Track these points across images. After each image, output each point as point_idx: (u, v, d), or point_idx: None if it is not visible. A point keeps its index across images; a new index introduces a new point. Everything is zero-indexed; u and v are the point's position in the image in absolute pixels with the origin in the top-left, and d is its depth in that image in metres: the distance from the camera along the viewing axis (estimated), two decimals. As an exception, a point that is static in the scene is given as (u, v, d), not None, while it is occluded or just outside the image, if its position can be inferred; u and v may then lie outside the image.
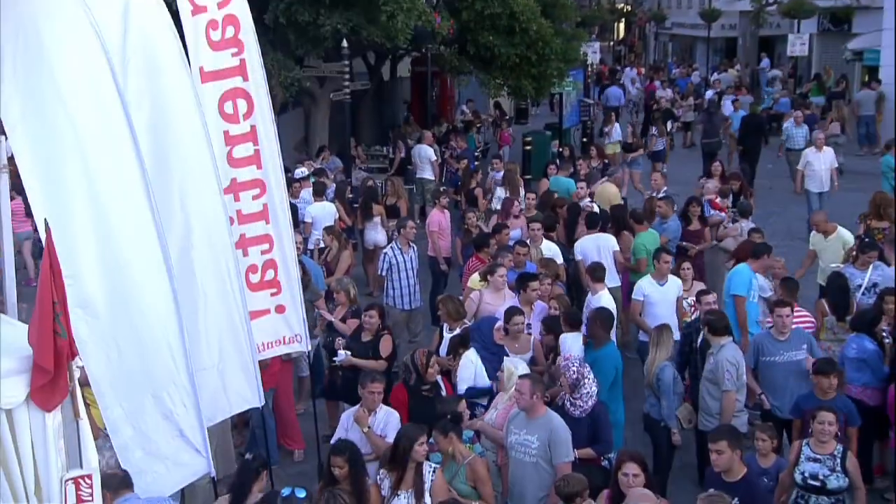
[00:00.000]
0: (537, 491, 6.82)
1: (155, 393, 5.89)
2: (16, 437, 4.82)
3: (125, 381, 5.79)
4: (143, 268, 5.90)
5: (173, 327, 6.03)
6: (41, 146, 5.68)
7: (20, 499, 4.87)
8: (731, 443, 6.40)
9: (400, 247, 11.31)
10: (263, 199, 7.65)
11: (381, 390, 7.32)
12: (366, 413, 7.28)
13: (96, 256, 5.71)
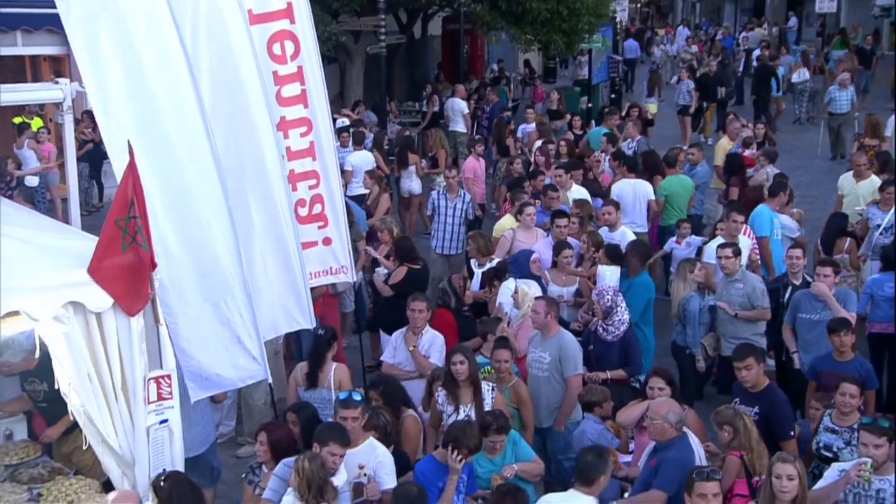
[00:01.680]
0: (550, 403, 7.35)
1: (213, 301, 6.40)
2: (105, 340, 5.38)
3: (187, 289, 6.30)
4: (203, 193, 6.40)
5: (230, 246, 6.53)
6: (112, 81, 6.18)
7: (109, 395, 5.44)
8: (757, 358, 6.82)
9: (445, 193, 11.63)
10: (310, 137, 8.11)
11: (423, 308, 7.77)
12: (413, 334, 7.77)
13: (162, 180, 6.21)
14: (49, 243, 5.63)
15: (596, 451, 5.73)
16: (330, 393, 7.23)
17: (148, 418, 5.53)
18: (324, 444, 5.60)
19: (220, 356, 6.50)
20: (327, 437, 5.63)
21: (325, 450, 5.57)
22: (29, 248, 5.42)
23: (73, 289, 5.20)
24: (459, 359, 6.80)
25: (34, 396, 6.93)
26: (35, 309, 5.04)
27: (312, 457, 5.51)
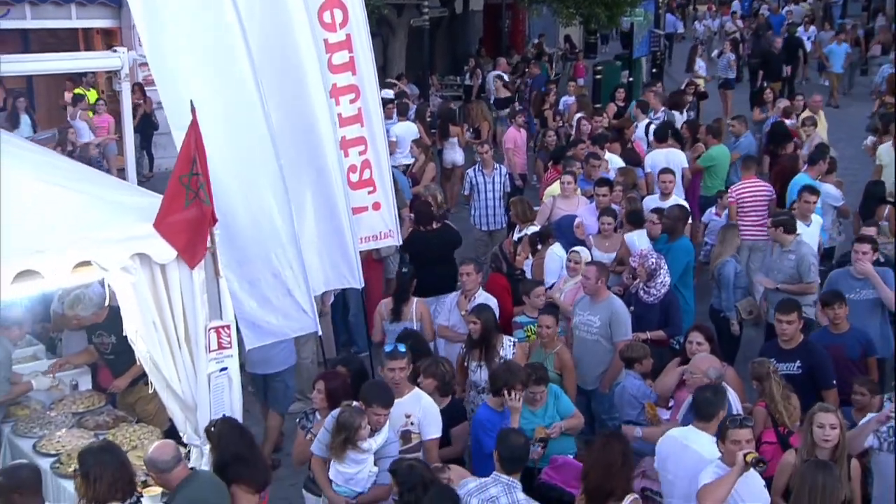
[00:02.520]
0: (597, 365, 7.55)
1: (265, 254, 6.67)
2: (168, 290, 5.67)
3: (241, 241, 6.58)
4: (256, 154, 6.65)
5: (281, 204, 6.77)
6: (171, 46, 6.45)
7: (172, 343, 5.74)
8: (799, 314, 6.97)
9: (482, 169, 11.62)
10: (358, 104, 8.33)
11: (470, 272, 8.00)
12: (464, 298, 8.01)
13: (218, 141, 6.44)
14: (116, 199, 5.94)
15: (713, 388, 5.93)
16: (412, 324, 7.93)
17: (209, 366, 5.82)
18: (368, 405, 5.80)
19: (272, 307, 6.78)
20: (371, 399, 5.80)
21: (370, 410, 5.77)
22: (98, 202, 5.73)
23: (139, 241, 5.49)
24: (472, 318, 7.16)
25: (102, 349, 7.28)
26: (105, 259, 5.33)
27: (355, 411, 5.76)
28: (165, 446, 5.28)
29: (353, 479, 5.64)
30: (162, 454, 5.16)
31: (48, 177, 5.82)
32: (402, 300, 8.14)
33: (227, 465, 5.31)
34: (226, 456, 5.32)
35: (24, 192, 5.49)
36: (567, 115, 15.87)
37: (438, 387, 6.44)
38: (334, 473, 5.69)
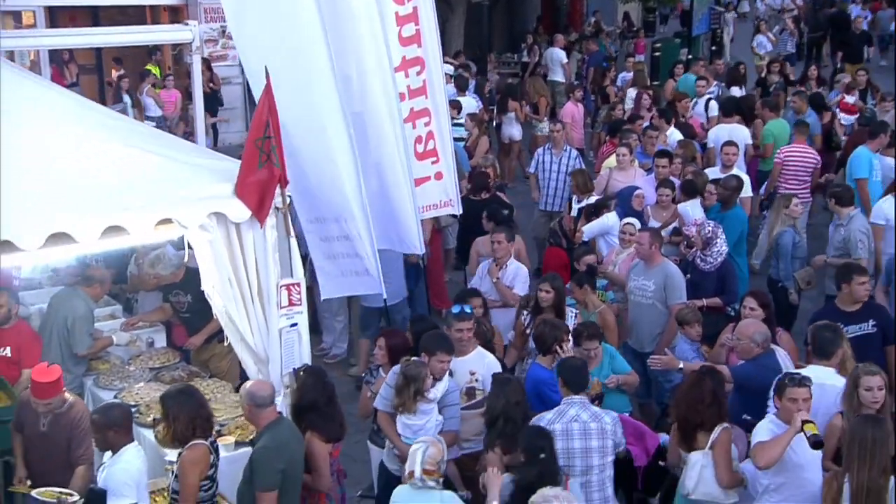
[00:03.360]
0: (653, 328, 7.70)
1: (337, 217, 6.94)
2: (243, 248, 5.96)
3: (314, 206, 6.86)
4: (329, 123, 6.91)
5: (350, 172, 7.03)
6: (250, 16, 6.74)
7: (246, 298, 6.03)
8: (861, 273, 7.09)
9: (551, 148, 11.45)
10: (424, 76, 8.53)
11: (502, 240, 8.14)
12: (496, 266, 8.21)
13: (294, 110, 6.73)
14: (193, 161, 6.24)
15: (831, 327, 6.20)
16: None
17: (280, 321, 6.12)
18: (432, 354, 6.03)
19: (342, 266, 7.06)
20: (434, 347, 6.05)
21: (434, 359, 6.01)
22: (177, 164, 6.03)
23: (216, 201, 5.78)
24: (546, 287, 7.30)
25: (178, 307, 7.65)
26: (184, 217, 5.63)
27: (418, 363, 6.01)
28: (265, 384, 5.59)
29: (422, 430, 5.88)
30: (261, 389, 5.47)
31: (130, 140, 6.14)
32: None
33: (305, 411, 5.60)
34: (305, 403, 5.62)
35: (109, 154, 5.80)
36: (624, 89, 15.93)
37: (481, 344, 6.65)
38: (402, 426, 5.95)
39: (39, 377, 5.78)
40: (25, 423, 5.96)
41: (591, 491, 5.62)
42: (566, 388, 5.77)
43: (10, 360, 6.69)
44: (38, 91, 6.38)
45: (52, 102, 6.19)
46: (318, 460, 5.57)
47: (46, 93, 6.44)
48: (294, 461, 5.34)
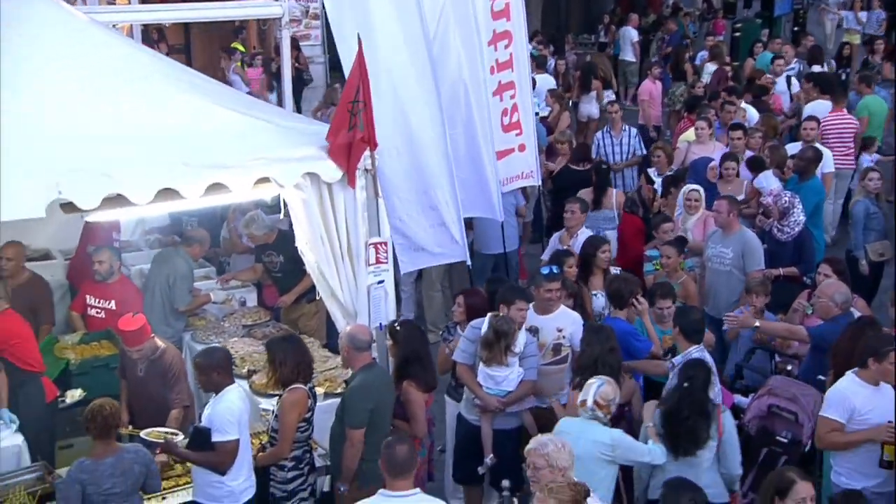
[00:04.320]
0: (730, 295, 7.81)
1: (423, 189, 7.21)
2: (334, 207, 6.29)
3: (403, 177, 7.14)
4: (420, 97, 7.20)
5: (438, 145, 7.32)
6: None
7: (337, 255, 6.36)
8: None
9: (610, 130, 11.56)
10: (511, 49, 8.76)
11: (576, 209, 8.34)
12: (567, 234, 8.41)
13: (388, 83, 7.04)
14: (288, 125, 6.58)
15: None
16: (612, 212, 9.09)
17: (368, 278, 6.42)
18: (511, 304, 6.25)
19: (427, 235, 7.34)
20: (511, 297, 6.29)
21: (513, 307, 6.24)
22: (273, 128, 6.38)
23: (310, 162, 6.11)
24: (602, 249, 7.55)
25: (270, 267, 8.04)
26: (281, 177, 5.98)
27: (507, 318, 6.25)
28: (366, 329, 5.89)
29: (505, 380, 6.13)
30: (361, 333, 5.79)
31: (231, 105, 6.50)
32: (602, 190, 9.14)
33: (407, 362, 5.90)
34: (406, 353, 5.91)
35: (212, 116, 6.18)
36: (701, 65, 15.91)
37: (575, 302, 6.90)
38: (484, 377, 6.18)
39: (126, 326, 6.19)
40: (127, 370, 6.38)
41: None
42: (683, 335, 5.96)
43: (115, 313, 7.12)
44: (152, 59, 6.80)
45: (164, 70, 6.59)
46: (415, 408, 5.87)
47: (159, 62, 6.84)
48: (382, 403, 5.64)
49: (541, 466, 4.59)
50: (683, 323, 6.03)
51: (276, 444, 5.61)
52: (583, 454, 5.04)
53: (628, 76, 18.74)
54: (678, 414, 5.36)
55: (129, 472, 5.10)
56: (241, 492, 5.45)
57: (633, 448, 5.35)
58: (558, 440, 4.77)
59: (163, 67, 6.72)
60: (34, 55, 5.92)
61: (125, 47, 6.67)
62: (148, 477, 5.24)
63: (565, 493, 4.23)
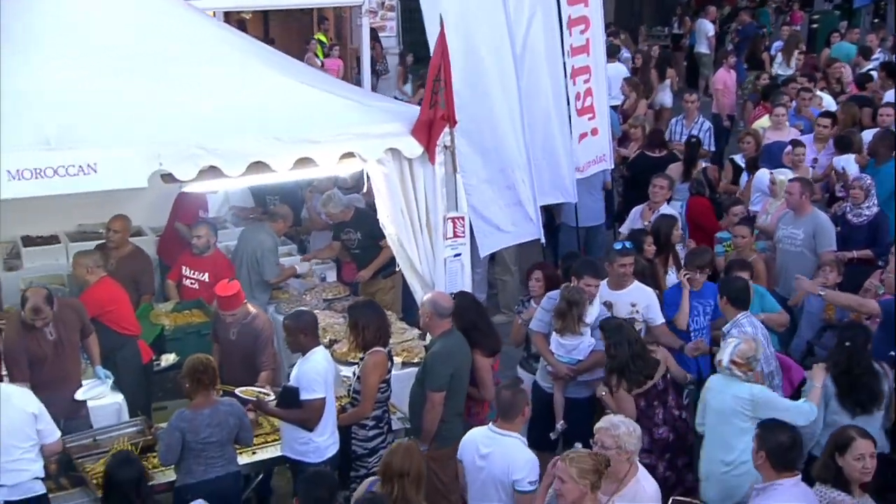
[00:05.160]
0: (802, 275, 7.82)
1: (502, 168, 7.43)
2: (414, 182, 6.55)
3: (481, 157, 7.38)
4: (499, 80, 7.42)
5: (516, 126, 7.53)
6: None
7: (416, 229, 6.62)
8: None
9: (683, 119, 11.64)
10: (587, 35, 8.92)
11: (664, 185, 8.48)
12: (649, 210, 8.53)
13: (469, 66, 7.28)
14: (371, 104, 6.88)
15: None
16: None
17: (445, 251, 6.68)
18: (580, 278, 6.45)
19: (504, 214, 7.56)
20: (582, 271, 6.48)
21: (582, 282, 6.44)
22: (357, 105, 6.67)
23: (392, 138, 6.39)
24: (674, 226, 7.75)
25: (348, 244, 8.36)
26: (365, 152, 6.27)
27: (579, 289, 6.44)
28: (447, 297, 6.14)
29: (575, 349, 6.33)
30: (443, 300, 6.04)
31: (316, 84, 6.82)
32: (693, 163, 9.60)
33: (466, 332, 6.13)
34: (464, 324, 6.15)
35: (298, 94, 6.49)
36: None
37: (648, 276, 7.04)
38: (556, 346, 6.40)
39: (222, 291, 6.56)
40: (219, 334, 6.74)
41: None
42: (730, 305, 6.15)
43: (208, 284, 7.52)
44: (242, 40, 7.20)
45: (254, 51, 6.98)
46: (482, 373, 6.11)
47: (249, 43, 7.24)
48: (461, 368, 5.88)
49: (609, 447, 4.67)
50: (728, 291, 6.24)
51: (357, 405, 5.89)
52: (724, 408, 5.46)
53: (701, 68, 18.67)
54: (849, 374, 5.59)
55: (224, 423, 5.43)
56: (325, 448, 5.74)
57: (773, 405, 5.47)
58: (630, 423, 4.86)
59: (252, 48, 7.09)
60: (137, 37, 6.31)
61: (219, 29, 7.07)
62: (241, 430, 5.56)
63: (586, 462, 4.36)
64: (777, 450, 4.64)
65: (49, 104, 5.66)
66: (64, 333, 6.19)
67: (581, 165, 9.00)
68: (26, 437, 5.30)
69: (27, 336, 6.10)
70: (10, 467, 5.16)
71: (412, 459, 4.72)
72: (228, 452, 5.51)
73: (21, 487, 5.25)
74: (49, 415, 5.46)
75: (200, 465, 5.40)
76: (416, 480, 4.69)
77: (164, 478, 5.61)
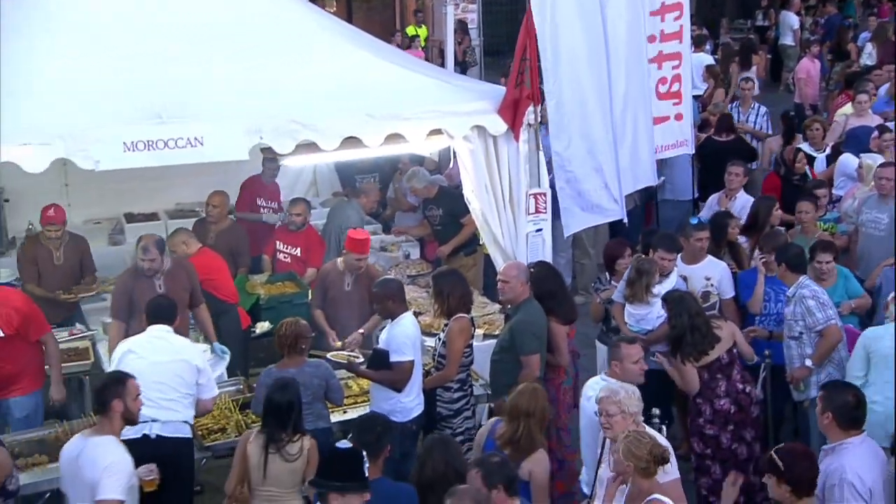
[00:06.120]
0: (884, 260, 7.80)
1: (590, 150, 7.60)
2: (499, 159, 6.79)
3: (569, 134, 7.55)
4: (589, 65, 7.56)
5: (604, 109, 7.65)
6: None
7: (499, 204, 6.86)
8: None
9: (739, 106, 11.66)
10: (681, 21, 9.02)
11: (739, 172, 8.57)
12: (726, 197, 8.62)
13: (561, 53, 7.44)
14: (457, 83, 7.16)
15: None
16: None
17: (527, 226, 6.91)
18: (655, 250, 6.66)
19: (592, 196, 7.70)
20: (657, 245, 6.70)
21: (657, 255, 6.63)
22: (444, 85, 6.95)
23: (478, 116, 6.65)
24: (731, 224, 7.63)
25: (432, 221, 8.68)
26: (451, 128, 6.55)
27: (650, 259, 6.64)
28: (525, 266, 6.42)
29: (643, 319, 6.52)
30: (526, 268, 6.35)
31: (405, 64, 7.13)
32: (791, 136, 9.94)
33: (542, 300, 6.35)
34: (542, 292, 6.37)
35: (388, 73, 6.80)
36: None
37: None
38: (627, 315, 6.62)
39: (355, 235, 7.04)
40: (333, 288, 7.12)
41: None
42: (789, 271, 6.28)
43: (300, 259, 7.96)
44: (333, 22, 7.63)
45: (345, 32, 7.35)
46: (558, 339, 6.31)
47: (341, 25, 7.65)
48: (543, 335, 6.13)
49: (613, 413, 4.86)
50: (786, 258, 6.38)
51: (443, 368, 6.17)
52: (889, 354, 5.66)
53: (785, 60, 18.51)
54: None
55: (309, 383, 5.71)
56: (411, 408, 6.02)
57: None
58: (628, 386, 5.06)
59: (344, 30, 7.47)
60: (238, 20, 6.69)
61: (314, 13, 7.42)
62: (328, 390, 5.87)
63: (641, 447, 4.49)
64: (843, 409, 4.75)
65: (161, 82, 6.05)
66: (172, 289, 6.59)
67: (658, 148, 9.11)
68: (185, 384, 5.67)
69: (136, 283, 6.57)
70: (166, 405, 5.50)
71: (537, 401, 5.09)
72: (317, 409, 5.81)
73: (171, 426, 5.61)
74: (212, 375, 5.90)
75: (290, 419, 5.73)
76: (540, 420, 5.09)
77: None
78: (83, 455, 4.76)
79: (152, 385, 5.40)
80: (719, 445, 6.20)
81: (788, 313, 6.36)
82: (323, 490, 4.23)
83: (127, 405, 4.84)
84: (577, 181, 7.52)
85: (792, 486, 4.34)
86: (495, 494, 4.39)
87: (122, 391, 4.83)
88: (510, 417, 5.10)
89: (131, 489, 4.79)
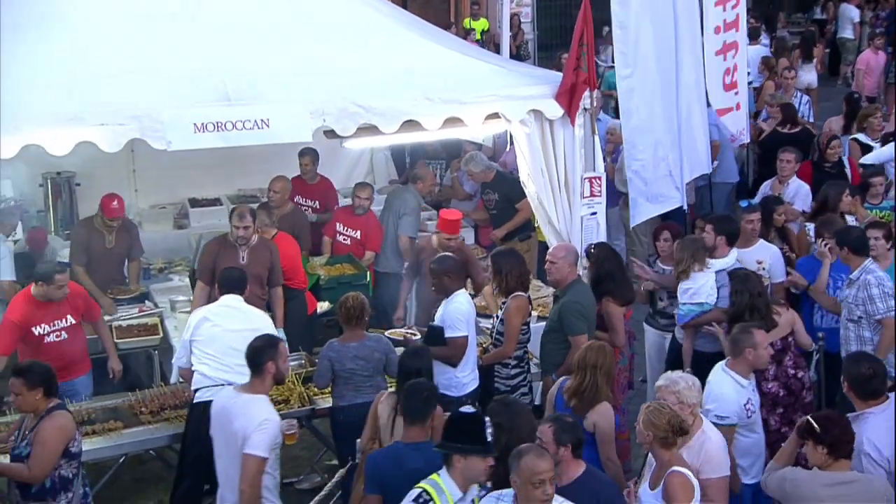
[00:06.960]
0: None
1: (657, 140, 7.69)
2: (554, 143, 6.92)
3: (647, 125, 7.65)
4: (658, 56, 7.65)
5: (668, 103, 7.74)
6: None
7: (555, 187, 6.99)
8: None
9: (782, 94, 11.57)
10: (738, 10, 9.08)
11: (790, 159, 8.54)
12: (779, 183, 8.62)
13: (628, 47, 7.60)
14: (514, 69, 7.32)
15: None
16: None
17: (581, 209, 7.03)
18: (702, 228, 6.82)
19: (658, 185, 7.83)
20: (710, 223, 6.78)
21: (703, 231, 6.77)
22: (501, 70, 7.13)
23: (534, 100, 6.78)
24: (778, 211, 7.65)
25: (487, 205, 8.83)
26: (508, 112, 6.69)
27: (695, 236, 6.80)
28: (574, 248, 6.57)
29: (690, 293, 6.53)
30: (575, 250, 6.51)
31: (463, 50, 7.29)
32: (853, 116, 9.94)
33: (602, 280, 6.47)
34: (601, 273, 6.48)
35: (446, 58, 6.99)
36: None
37: None
38: (681, 292, 6.62)
39: (446, 215, 7.22)
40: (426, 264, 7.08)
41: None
42: (853, 254, 6.30)
43: (359, 242, 8.18)
44: (393, 10, 7.83)
45: (405, 20, 7.60)
46: (614, 320, 6.42)
47: (401, 13, 7.93)
48: (592, 314, 6.24)
49: (672, 403, 4.88)
50: (848, 241, 6.39)
51: (500, 346, 6.32)
52: None
53: (844, 53, 18.30)
54: None
55: (369, 357, 5.92)
56: (466, 383, 6.16)
57: None
58: (689, 377, 5.10)
59: (404, 17, 7.68)
60: (302, 8, 6.93)
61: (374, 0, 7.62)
62: (387, 364, 6.03)
63: (659, 417, 4.58)
64: (858, 380, 4.88)
65: (229, 67, 6.31)
66: (254, 264, 6.83)
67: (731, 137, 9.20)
68: None
69: (222, 251, 6.86)
70: (237, 369, 5.59)
71: (605, 356, 5.28)
72: (377, 382, 5.98)
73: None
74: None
75: (350, 391, 5.92)
76: (607, 374, 5.25)
77: (325, 403, 6.18)
78: (235, 406, 4.99)
79: (228, 351, 5.66)
80: (768, 428, 6.23)
81: (851, 296, 6.34)
82: (447, 452, 4.37)
83: (278, 366, 5.08)
84: (645, 169, 7.64)
85: (829, 449, 4.44)
86: (563, 452, 4.53)
87: (275, 354, 5.08)
88: (577, 368, 5.27)
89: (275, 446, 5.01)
